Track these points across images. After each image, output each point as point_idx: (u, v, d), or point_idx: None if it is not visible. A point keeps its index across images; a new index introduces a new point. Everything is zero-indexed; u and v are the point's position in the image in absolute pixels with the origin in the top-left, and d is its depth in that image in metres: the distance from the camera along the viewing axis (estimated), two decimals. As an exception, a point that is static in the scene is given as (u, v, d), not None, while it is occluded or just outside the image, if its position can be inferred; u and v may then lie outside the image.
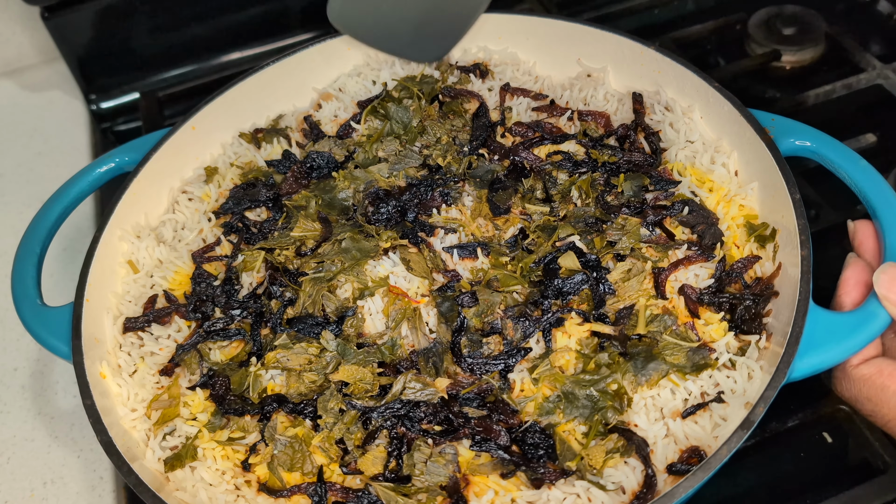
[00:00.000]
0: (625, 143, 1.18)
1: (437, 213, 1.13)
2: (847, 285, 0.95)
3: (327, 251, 1.08)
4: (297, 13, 1.77)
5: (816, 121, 1.10)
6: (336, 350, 0.99)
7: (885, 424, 0.91)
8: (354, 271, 1.05)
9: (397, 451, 0.92)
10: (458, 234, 1.10)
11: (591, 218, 1.07)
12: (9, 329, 1.36)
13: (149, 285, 1.15)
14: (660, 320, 0.98)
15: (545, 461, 0.90)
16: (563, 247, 1.04)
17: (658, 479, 0.89)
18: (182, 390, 1.03)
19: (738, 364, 0.94)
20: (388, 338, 1.01)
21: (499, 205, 1.12)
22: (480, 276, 1.05)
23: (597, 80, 1.29)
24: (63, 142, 1.69)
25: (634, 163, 1.14)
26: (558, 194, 1.13)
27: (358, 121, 1.28)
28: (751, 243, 1.05)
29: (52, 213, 1.15)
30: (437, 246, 1.09)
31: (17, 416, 1.25)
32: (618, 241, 1.04)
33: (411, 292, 1.04)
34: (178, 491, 0.95)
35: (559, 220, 1.09)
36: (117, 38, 1.70)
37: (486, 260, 1.07)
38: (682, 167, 1.13)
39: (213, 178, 1.26)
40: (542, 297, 1.00)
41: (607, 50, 1.28)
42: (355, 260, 1.06)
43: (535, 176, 1.15)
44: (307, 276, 1.06)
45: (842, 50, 1.60)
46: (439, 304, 1.02)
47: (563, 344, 0.98)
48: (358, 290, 1.05)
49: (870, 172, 1.00)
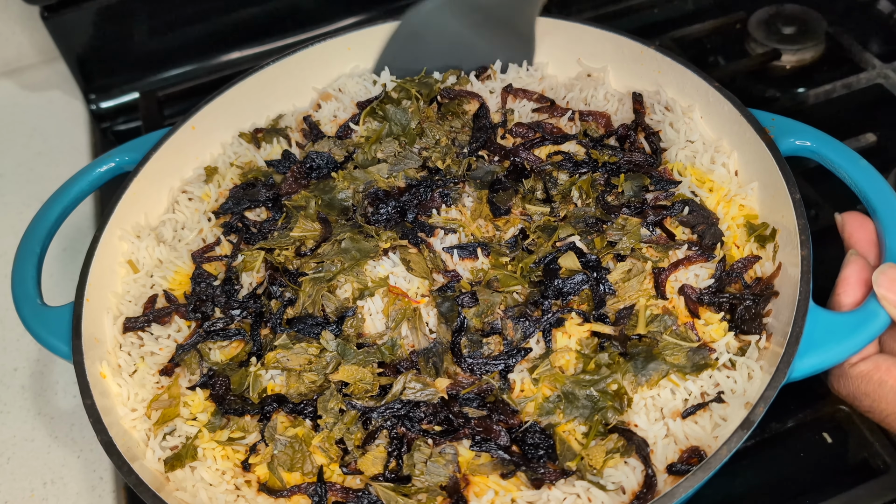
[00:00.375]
0: (625, 144, 1.18)
1: (436, 214, 1.13)
2: (846, 284, 0.94)
3: (327, 251, 1.08)
4: (297, 13, 1.77)
5: (816, 120, 1.09)
6: (336, 350, 0.99)
7: (884, 420, 0.91)
8: (354, 271, 1.05)
9: (397, 452, 0.92)
10: (458, 234, 1.10)
11: (592, 218, 1.07)
12: (9, 329, 1.36)
13: (149, 285, 1.15)
14: (660, 320, 0.98)
15: (545, 461, 0.90)
16: (564, 247, 1.04)
17: (658, 479, 0.89)
18: (182, 390, 1.03)
19: (738, 364, 0.94)
20: (388, 338, 1.01)
21: (499, 205, 1.12)
22: (480, 276, 1.05)
23: (597, 80, 1.29)
24: (63, 142, 1.69)
25: (635, 163, 1.14)
26: (559, 195, 1.12)
27: (357, 122, 1.28)
28: (751, 243, 1.05)
29: (52, 213, 1.15)
30: (437, 246, 1.09)
31: (17, 416, 1.25)
32: (618, 242, 1.04)
33: (411, 292, 1.04)
34: (178, 491, 0.95)
35: (559, 221, 1.09)
36: (117, 38, 1.70)
37: (487, 260, 1.07)
38: (682, 167, 1.13)
39: (213, 177, 1.26)
40: (543, 298, 1.00)
41: (607, 50, 1.28)
42: (355, 260, 1.06)
43: (535, 176, 1.15)
44: (307, 277, 1.05)
45: (842, 50, 1.60)
46: (439, 304, 1.02)
47: (564, 344, 0.98)
48: (358, 291, 1.05)
49: (870, 172, 1.00)
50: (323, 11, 1.77)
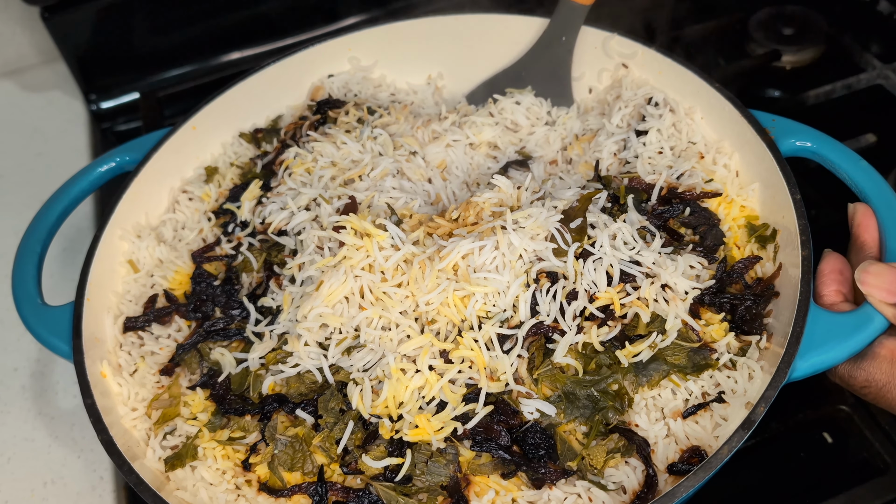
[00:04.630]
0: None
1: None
2: (820, 276, 0.95)
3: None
4: (297, 13, 1.77)
5: (816, 121, 1.09)
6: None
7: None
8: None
9: (398, 451, 0.92)
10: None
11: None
12: (9, 329, 1.35)
13: (149, 285, 1.15)
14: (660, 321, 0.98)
15: (546, 461, 0.90)
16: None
17: (659, 479, 0.89)
18: (182, 390, 1.03)
19: (738, 364, 0.94)
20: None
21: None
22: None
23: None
24: (63, 142, 1.69)
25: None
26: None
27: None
28: (751, 244, 1.05)
29: (52, 213, 1.15)
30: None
31: (17, 416, 1.25)
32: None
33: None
34: (178, 490, 0.95)
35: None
36: (117, 38, 1.70)
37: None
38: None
39: (214, 177, 1.26)
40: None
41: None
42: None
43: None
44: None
45: (842, 50, 1.60)
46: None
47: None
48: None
49: (870, 172, 1.00)
50: (323, 11, 1.77)
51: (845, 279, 0.95)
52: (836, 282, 0.95)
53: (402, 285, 0.99)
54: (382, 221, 1.02)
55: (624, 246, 1.00)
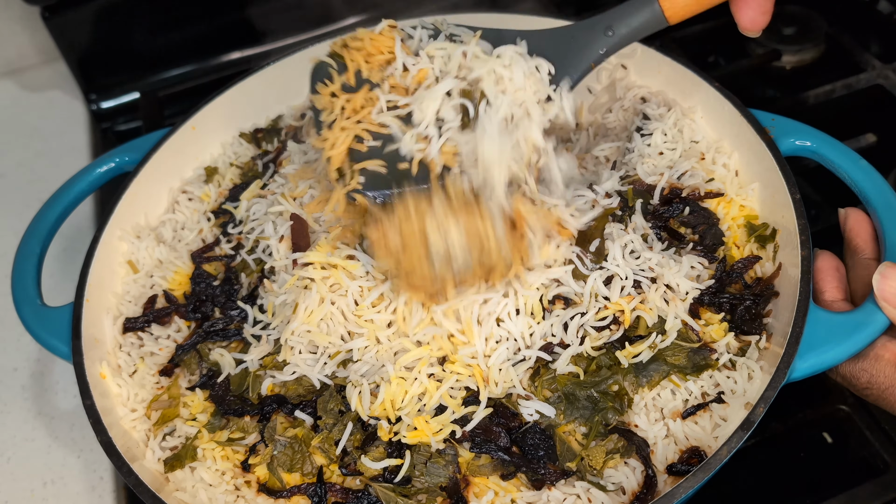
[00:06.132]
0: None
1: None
2: (818, 273, 0.96)
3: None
4: (297, 13, 1.77)
5: (816, 121, 1.09)
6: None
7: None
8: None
9: (397, 453, 0.92)
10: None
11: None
12: (9, 329, 1.35)
13: (149, 285, 1.15)
14: (660, 321, 0.97)
15: (545, 462, 0.90)
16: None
17: (658, 480, 0.89)
18: (182, 391, 1.03)
19: (738, 364, 0.94)
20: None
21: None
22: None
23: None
24: (63, 142, 1.69)
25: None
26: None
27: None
28: (751, 243, 1.05)
29: (52, 213, 1.15)
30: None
31: (17, 416, 1.25)
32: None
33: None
34: (177, 491, 0.95)
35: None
36: (117, 38, 1.70)
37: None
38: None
39: (213, 177, 1.26)
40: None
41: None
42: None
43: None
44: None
45: (842, 50, 1.60)
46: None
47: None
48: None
49: (870, 172, 1.00)
50: (322, 11, 1.77)
51: (842, 277, 0.96)
52: (834, 279, 0.95)
53: (383, 311, 0.97)
54: (352, 252, 0.99)
55: (631, 255, 1.00)
